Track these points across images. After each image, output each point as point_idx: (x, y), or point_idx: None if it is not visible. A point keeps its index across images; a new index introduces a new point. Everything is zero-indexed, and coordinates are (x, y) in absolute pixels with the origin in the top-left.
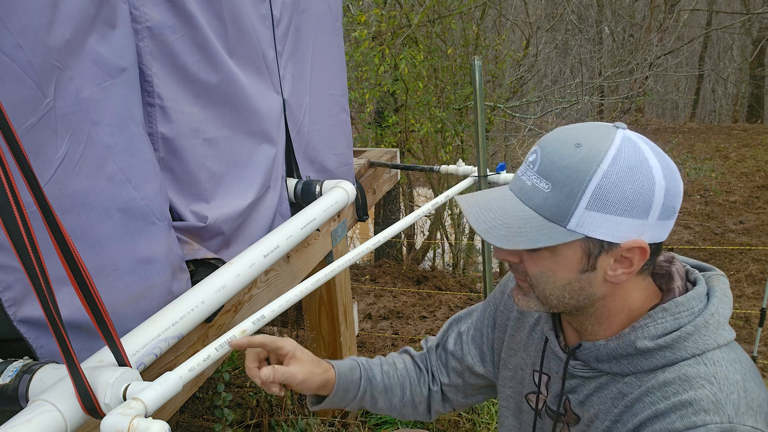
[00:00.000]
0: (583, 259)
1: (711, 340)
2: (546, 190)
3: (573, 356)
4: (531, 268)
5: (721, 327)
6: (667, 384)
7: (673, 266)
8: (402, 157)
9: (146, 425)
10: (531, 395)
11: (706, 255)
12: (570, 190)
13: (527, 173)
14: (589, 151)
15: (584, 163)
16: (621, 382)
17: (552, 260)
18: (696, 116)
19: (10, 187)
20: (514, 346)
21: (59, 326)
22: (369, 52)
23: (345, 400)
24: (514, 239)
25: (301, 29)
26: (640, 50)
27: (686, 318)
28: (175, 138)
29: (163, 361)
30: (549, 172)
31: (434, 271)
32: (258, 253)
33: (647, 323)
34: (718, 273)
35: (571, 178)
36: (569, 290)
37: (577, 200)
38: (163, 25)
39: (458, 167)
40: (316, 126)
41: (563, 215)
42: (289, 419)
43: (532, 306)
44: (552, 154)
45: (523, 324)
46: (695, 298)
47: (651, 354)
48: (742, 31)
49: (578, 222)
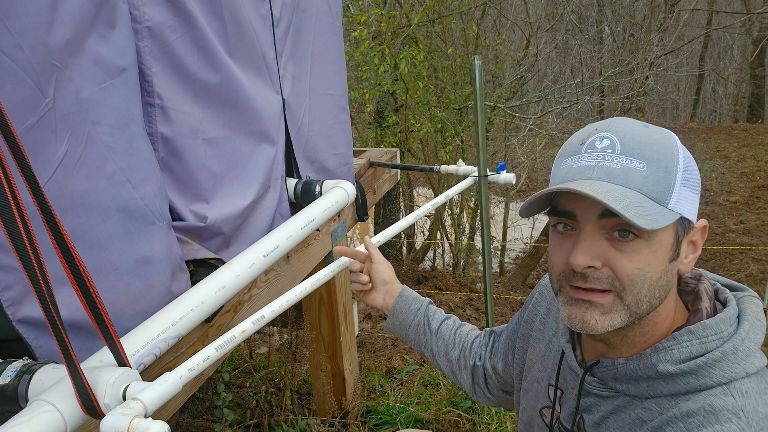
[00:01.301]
0: (673, 245)
1: (740, 369)
2: (642, 169)
3: (590, 372)
4: (626, 267)
5: (752, 354)
6: (690, 415)
7: (701, 284)
8: (402, 157)
9: (146, 425)
10: (545, 410)
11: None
12: (666, 166)
13: (608, 158)
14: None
15: (665, 138)
16: (640, 407)
17: (648, 250)
18: (696, 116)
19: (9, 187)
20: (533, 358)
21: (59, 326)
22: (369, 52)
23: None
24: (646, 218)
25: (301, 29)
26: (640, 50)
27: (714, 343)
28: (175, 138)
29: (163, 361)
30: (638, 151)
31: (434, 271)
32: (258, 253)
33: (671, 345)
34: (751, 294)
35: (662, 153)
36: (660, 286)
37: (674, 176)
38: (163, 25)
39: (458, 167)
40: (316, 126)
41: (665, 193)
42: (289, 419)
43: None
44: (630, 134)
45: (543, 336)
46: (725, 321)
47: (673, 379)
48: (742, 30)
49: (676, 200)
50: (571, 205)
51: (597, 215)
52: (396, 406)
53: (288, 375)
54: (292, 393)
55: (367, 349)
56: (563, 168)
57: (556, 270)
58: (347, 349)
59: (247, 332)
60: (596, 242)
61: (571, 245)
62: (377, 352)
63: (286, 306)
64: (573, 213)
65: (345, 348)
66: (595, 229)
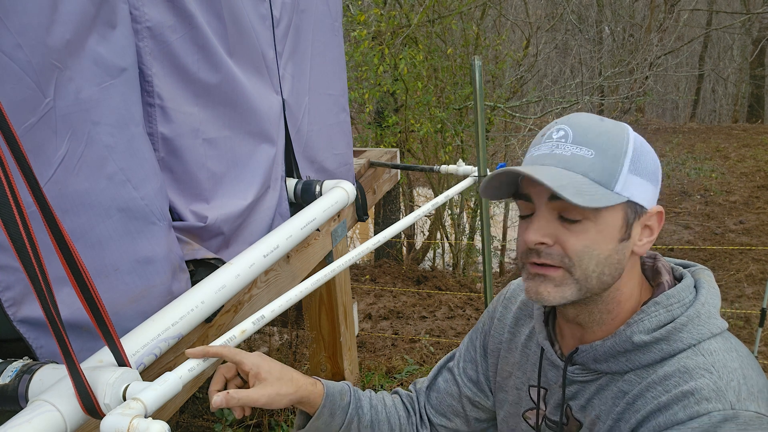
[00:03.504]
0: (622, 227)
1: (705, 330)
2: (590, 156)
3: (571, 362)
4: (573, 245)
5: (713, 317)
6: (667, 377)
7: (659, 262)
8: (402, 157)
9: (146, 425)
10: (529, 412)
11: (706, 255)
12: (614, 154)
13: (560, 146)
14: (613, 123)
15: (617, 129)
16: (621, 381)
17: (596, 230)
18: (696, 116)
19: (9, 187)
20: (508, 368)
21: (59, 326)
22: (369, 52)
23: (330, 426)
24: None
25: (300, 29)
26: (640, 50)
27: (678, 309)
28: (175, 138)
29: (163, 361)
30: (588, 140)
31: (434, 271)
32: (258, 253)
33: (641, 318)
34: (702, 267)
35: (612, 142)
36: (609, 264)
37: (621, 162)
38: (163, 25)
39: (458, 167)
40: (316, 126)
41: (610, 178)
42: (288, 419)
43: (567, 294)
44: (584, 125)
45: (515, 345)
46: (684, 289)
47: (648, 348)
48: (742, 31)
49: (623, 185)
50: (528, 189)
51: (547, 197)
52: None
53: None
54: None
55: (367, 349)
56: (527, 157)
57: (519, 250)
58: (347, 349)
59: (247, 332)
60: (548, 222)
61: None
62: (377, 352)
63: (286, 306)
64: (529, 196)
65: (345, 348)
66: (547, 210)
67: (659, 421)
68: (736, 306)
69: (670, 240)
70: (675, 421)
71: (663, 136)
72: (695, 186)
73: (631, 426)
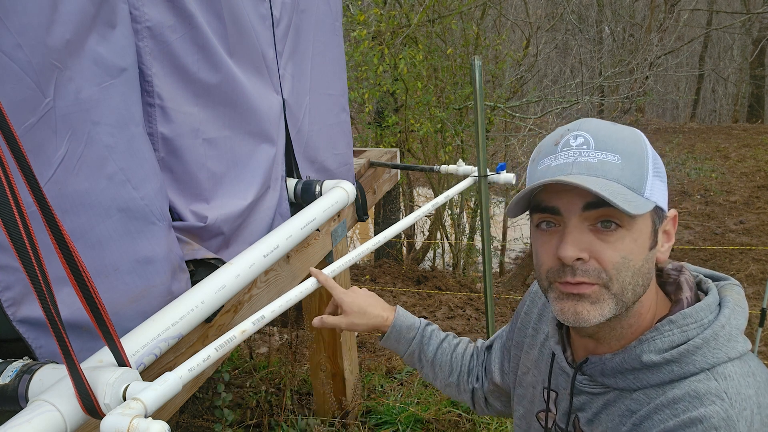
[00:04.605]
0: (651, 233)
1: (721, 354)
2: (617, 161)
3: (580, 371)
4: (611, 257)
5: (733, 339)
6: (676, 401)
7: (682, 276)
8: (402, 157)
9: (146, 425)
10: (541, 413)
11: (706, 255)
12: (638, 158)
13: (584, 154)
14: (626, 127)
15: (634, 134)
16: (629, 399)
17: (630, 239)
18: (696, 116)
19: (9, 187)
20: (528, 364)
21: (59, 326)
22: (368, 52)
23: (399, 350)
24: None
25: (301, 29)
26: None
27: (694, 330)
28: (175, 138)
29: (163, 361)
30: (611, 145)
31: (434, 271)
32: (258, 253)
33: (653, 336)
34: (733, 282)
35: (633, 146)
36: (642, 274)
37: (646, 167)
38: (163, 25)
39: (458, 167)
40: (316, 126)
41: (640, 183)
42: (289, 419)
43: (606, 312)
44: (602, 130)
45: (535, 341)
46: (704, 309)
47: (658, 368)
48: (742, 31)
49: (650, 190)
50: (554, 201)
51: (580, 208)
52: (396, 406)
53: (288, 375)
54: (292, 393)
55: (367, 349)
56: (540, 169)
57: (544, 267)
58: (347, 349)
59: (247, 332)
60: (582, 234)
61: (557, 240)
62: (377, 352)
63: (286, 306)
64: (556, 208)
65: (345, 348)
66: (579, 221)
67: None
68: None
69: None
70: None
71: (663, 136)
72: (695, 186)
73: None
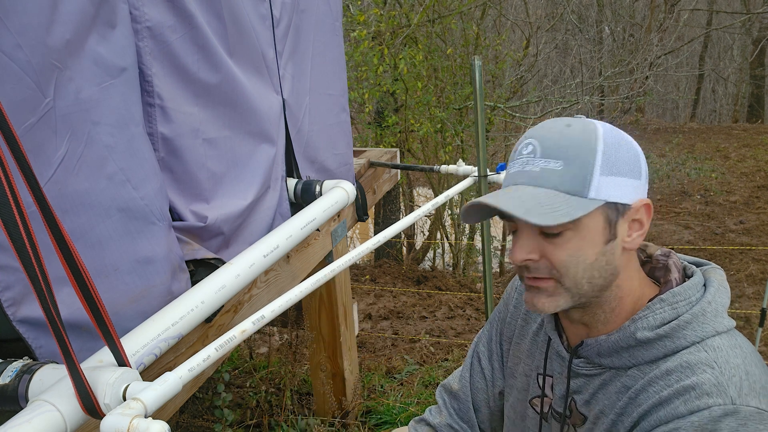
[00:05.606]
0: (605, 228)
1: (709, 328)
2: (559, 168)
3: (576, 354)
4: (558, 256)
5: (720, 315)
6: (669, 373)
7: (670, 260)
8: (402, 157)
9: (146, 425)
10: (536, 399)
11: (706, 255)
12: (583, 161)
13: (530, 163)
14: (582, 126)
15: (584, 134)
16: (624, 376)
17: (578, 238)
18: (696, 116)
19: (9, 187)
20: (518, 354)
21: (59, 326)
22: (368, 52)
23: None
24: (552, 215)
25: (301, 29)
26: (640, 50)
27: (684, 307)
28: (175, 138)
29: (163, 361)
30: (556, 152)
31: (434, 271)
32: (258, 253)
33: (646, 314)
34: (715, 266)
35: (580, 149)
36: (598, 267)
37: (591, 168)
38: (163, 25)
39: (458, 167)
40: (316, 126)
41: (582, 186)
42: (289, 419)
43: (561, 303)
44: (550, 137)
45: (526, 332)
46: (692, 288)
47: (651, 344)
48: (742, 30)
49: (597, 189)
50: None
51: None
52: (396, 406)
53: (288, 375)
54: (292, 393)
55: (367, 349)
56: (506, 174)
57: (513, 264)
58: (347, 349)
59: (247, 332)
60: (531, 238)
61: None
62: (377, 352)
63: (286, 306)
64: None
65: (345, 348)
66: (527, 227)
67: (660, 415)
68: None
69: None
70: (675, 415)
71: (663, 136)
72: (695, 186)
73: (633, 420)
